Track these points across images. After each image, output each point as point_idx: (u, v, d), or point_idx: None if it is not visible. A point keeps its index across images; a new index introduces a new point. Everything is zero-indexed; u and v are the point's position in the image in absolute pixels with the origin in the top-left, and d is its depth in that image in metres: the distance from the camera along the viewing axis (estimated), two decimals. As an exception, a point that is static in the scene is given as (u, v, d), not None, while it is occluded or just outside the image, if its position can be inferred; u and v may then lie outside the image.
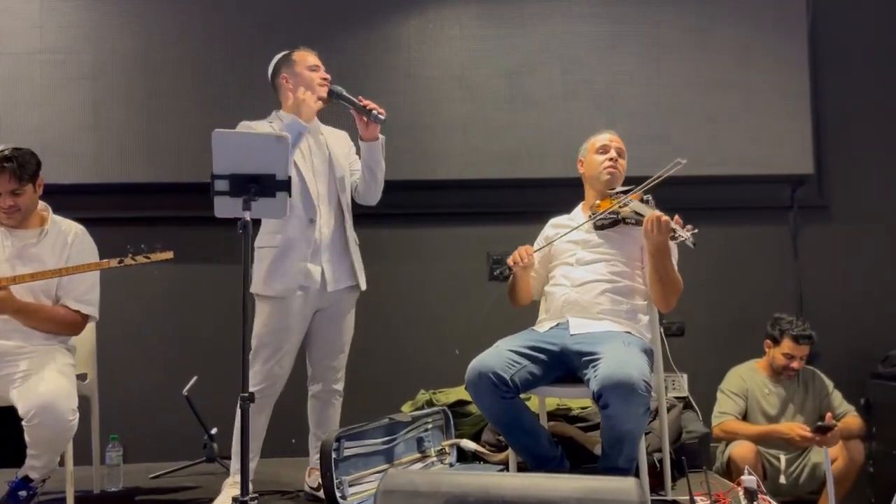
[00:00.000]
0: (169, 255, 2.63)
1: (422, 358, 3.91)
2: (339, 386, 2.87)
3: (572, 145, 2.92)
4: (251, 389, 2.19)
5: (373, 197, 2.85)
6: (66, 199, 3.71)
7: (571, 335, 2.43)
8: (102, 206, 3.85)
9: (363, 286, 2.84)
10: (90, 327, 2.97)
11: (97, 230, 3.07)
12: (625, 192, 2.67)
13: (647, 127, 3.90)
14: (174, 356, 3.85)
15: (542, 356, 2.40)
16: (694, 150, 3.75)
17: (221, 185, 1.98)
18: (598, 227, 2.63)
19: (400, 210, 3.89)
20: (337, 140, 2.88)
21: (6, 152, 2.60)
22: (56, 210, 2.87)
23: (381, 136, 2.76)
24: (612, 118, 3.81)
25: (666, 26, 4.00)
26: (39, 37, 3.81)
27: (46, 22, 3.82)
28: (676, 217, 2.38)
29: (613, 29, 3.98)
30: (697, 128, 3.96)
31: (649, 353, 2.39)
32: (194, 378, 3.37)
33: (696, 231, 2.33)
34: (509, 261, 2.60)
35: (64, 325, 2.72)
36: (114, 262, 2.62)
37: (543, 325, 2.56)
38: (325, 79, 2.79)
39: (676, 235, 2.34)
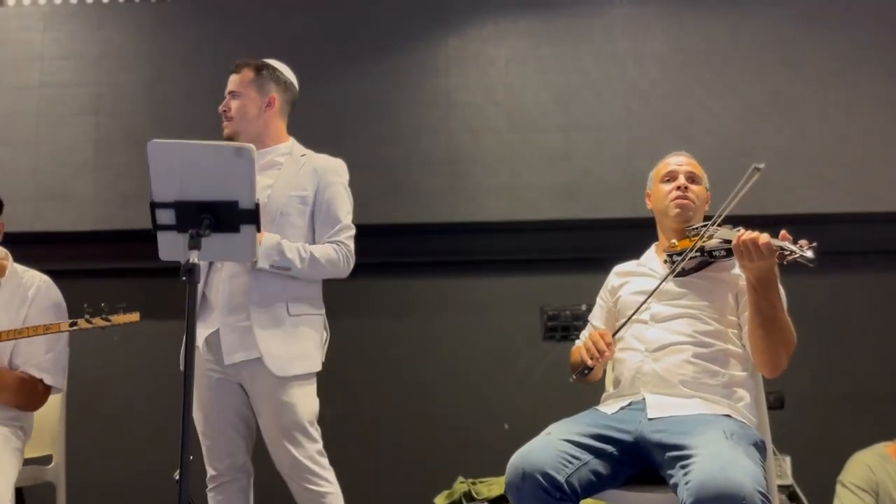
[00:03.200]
0: (134, 317, 2.11)
1: (462, 433, 3.28)
2: (321, 486, 2.16)
3: (637, 179, 2.34)
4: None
5: None
6: (59, 247, 3.35)
7: (650, 419, 1.79)
8: (101, 256, 3.42)
9: (279, 370, 2.10)
10: (56, 399, 2.46)
11: (91, 283, 2.62)
12: (706, 226, 2.05)
13: (727, 158, 3.26)
14: (160, 433, 3.31)
15: (609, 448, 1.76)
16: (789, 183, 3.11)
17: (165, 216, 1.46)
18: (679, 274, 2.00)
19: (435, 257, 3.34)
20: (295, 173, 2.25)
21: None
22: (48, 261, 2.44)
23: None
24: (683, 147, 3.20)
25: (747, 40, 3.39)
26: (39, 69, 3.45)
27: (47, 53, 3.47)
28: (783, 232, 1.73)
29: (683, 44, 3.40)
30: (789, 158, 3.30)
31: (761, 448, 1.72)
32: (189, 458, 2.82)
33: (814, 245, 1.68)
34: (585, 356, 1.95)
35: (20, 396, 2.22)
36: (64, 325, 2.12)
37: (611, 404, 1.92)
38: (222, 110, 2.26)
39: (788, 252, 1.68)
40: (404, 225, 3.31)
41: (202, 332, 2.14)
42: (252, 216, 1.49)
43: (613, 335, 2.00)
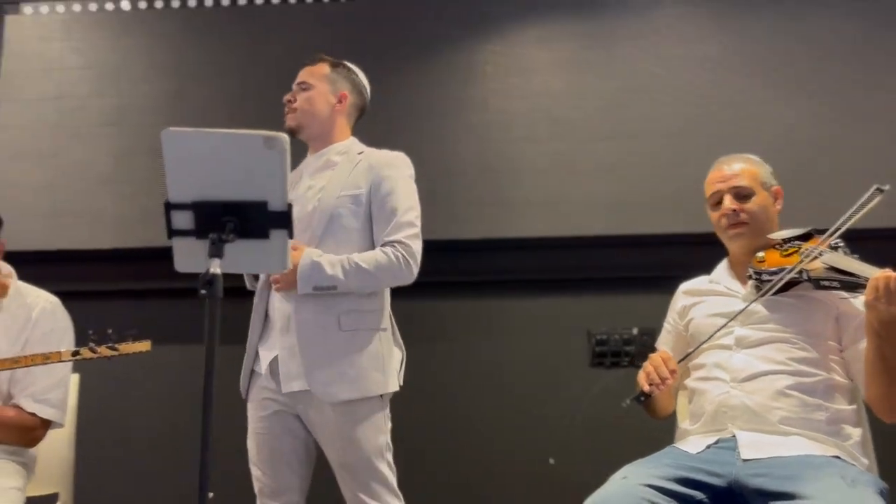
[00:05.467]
0: (145, 346, 1.89)
1: (502, 468, 3.00)
2: None
3: (691, 190, 2.11)
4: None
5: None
6: (74, 266, 3.16)
7: (744, 460, 1.52)
8: (119, 276, 3.21)
9: (328, 397, 1.87)
10: (62, 433, 2.24)
11: (106, 305, 2.41)
12: (801, 238, 1.79)
13: (788, 168, 2.99)
14: (178, 466, 3.07)
15: (700, 495, 1.49)
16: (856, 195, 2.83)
17: (181, 219, 1.23)
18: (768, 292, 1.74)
19: (471, 277, 3.10)
20: (350, 172, 2.04)
21: None
22: (64, 281, 2.26)
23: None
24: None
25: (806, 40, 3.14)
26: (58, 80, 3.29)
27: (66, 64, 3.31)
28: None
29: (737, 45, 3.15)
30: (856, 168, 3.03)
31: (885, 496, 1.44)
32: (210, 496, 2.59)
33: None
34: (643, 382, 1.69)
35: (14, 432, 2.00)
36: (66, 354, 1.91)
37: (692, 442, 1.65)
38: (286, 101, 2.08)
39: None
40: (437, 241, 3.05)
41: (266, 357, 1.93)
42: (284, 219, 1.26)
43: (680, 361, 1.75)
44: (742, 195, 1.80)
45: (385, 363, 1.93)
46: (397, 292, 2.05)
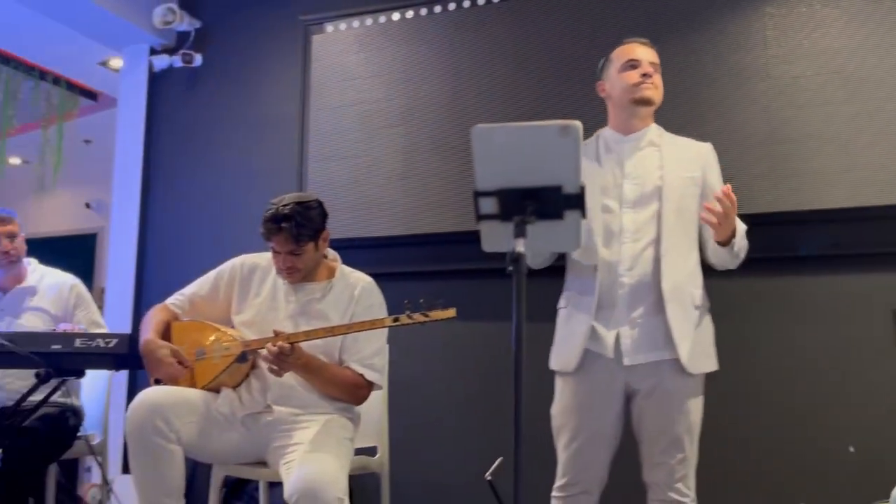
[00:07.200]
0: (450, 313, 2.13)
1: (797, 457, 2.84)
2: (684, 498, 2.07)
3: None
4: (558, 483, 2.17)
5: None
6: (373, 252, 3.57)
7: None
8: (410, 260, 3.58)
9: (692, 367, 2.04)
10: (379, 395, 2.58)
11: (403, 284, 2.71)
12: None
13: None
14: (473, 431, 3.34)
15: None
16: None
17: (488, 205, 1.39)
18: None
19: (756, 253, 2.96)
20: (679, 155, 2.18)
21: (287, 209, 2.31)
22: (364, 266, 2.61)
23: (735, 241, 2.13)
24: None
25: None
26: (356, 88, 3.73)
27: (361, 73, 3.74)
28: None
29: None
30: None
31: None
32: (499, 459, 2.81)
33: None
34: None
35: (347, 390, 2.36)
36: (388, 321, 2.20)
37: None
38: (645, 75, 2.13)
39: None
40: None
41: (607, 332, 2.10)
42: (577, 201, 1.36)
43: None
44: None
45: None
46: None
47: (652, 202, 2.13)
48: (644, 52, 2.27)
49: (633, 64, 2.23)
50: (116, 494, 2.40)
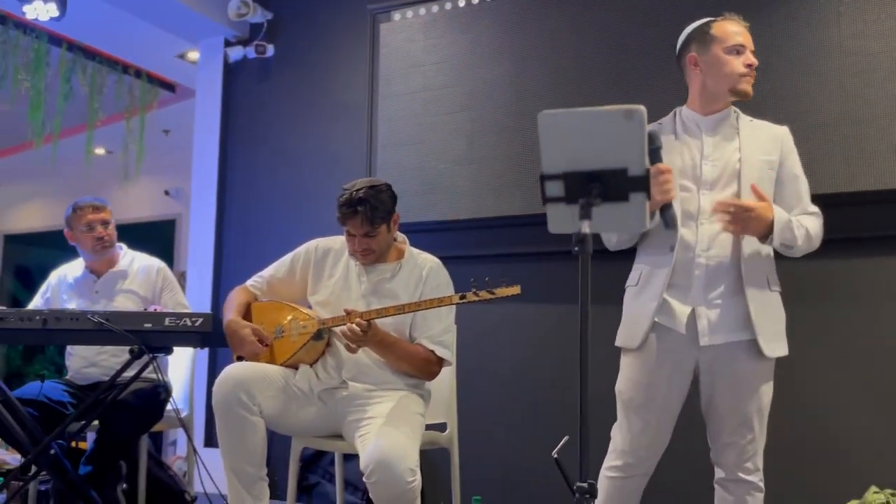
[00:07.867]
0: (515, 290, 2.19)
1: (872, 439, 2.81)
2: (753, 477, 2.09)
3: None
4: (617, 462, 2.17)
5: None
6: (439, 235, 3.65)
7: None
8: (476, 243, 3.65)
9: (768, 351, 2.06)
10: (448, 371, 2.67)
11: (469, 266, 2.77)
12: None
13: None
14: (539, 410, 3.40)
15: None
16: None
17: (554, 188, 1.44)
18: None
19: (830, 234, 2.90)
20: (757, 138, 2.18)
21: (360, 193, 2.42)
22: (430, 248, 2.70)
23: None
24: None
25: None
26: (422, 74, 3.80)
27: (426, 60, 3.81)
28: None
29: None
30: None
31: None
32: (565, 438, 2.87)
33: None
34: None
35: (419, 366, 2.46)
36: (456, 298, 2.28)
37: None
38: (749, 65, 2.13)
39: None
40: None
41: (682, 307, 2.11)
42: (642, 183, 1.40)
43: None
44: None
45: None
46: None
47: (731, 184, 2.11)
48: (748, 39, 2.18)
49: (738, 49, 2.15)
50: (203, 464, 2.55)
